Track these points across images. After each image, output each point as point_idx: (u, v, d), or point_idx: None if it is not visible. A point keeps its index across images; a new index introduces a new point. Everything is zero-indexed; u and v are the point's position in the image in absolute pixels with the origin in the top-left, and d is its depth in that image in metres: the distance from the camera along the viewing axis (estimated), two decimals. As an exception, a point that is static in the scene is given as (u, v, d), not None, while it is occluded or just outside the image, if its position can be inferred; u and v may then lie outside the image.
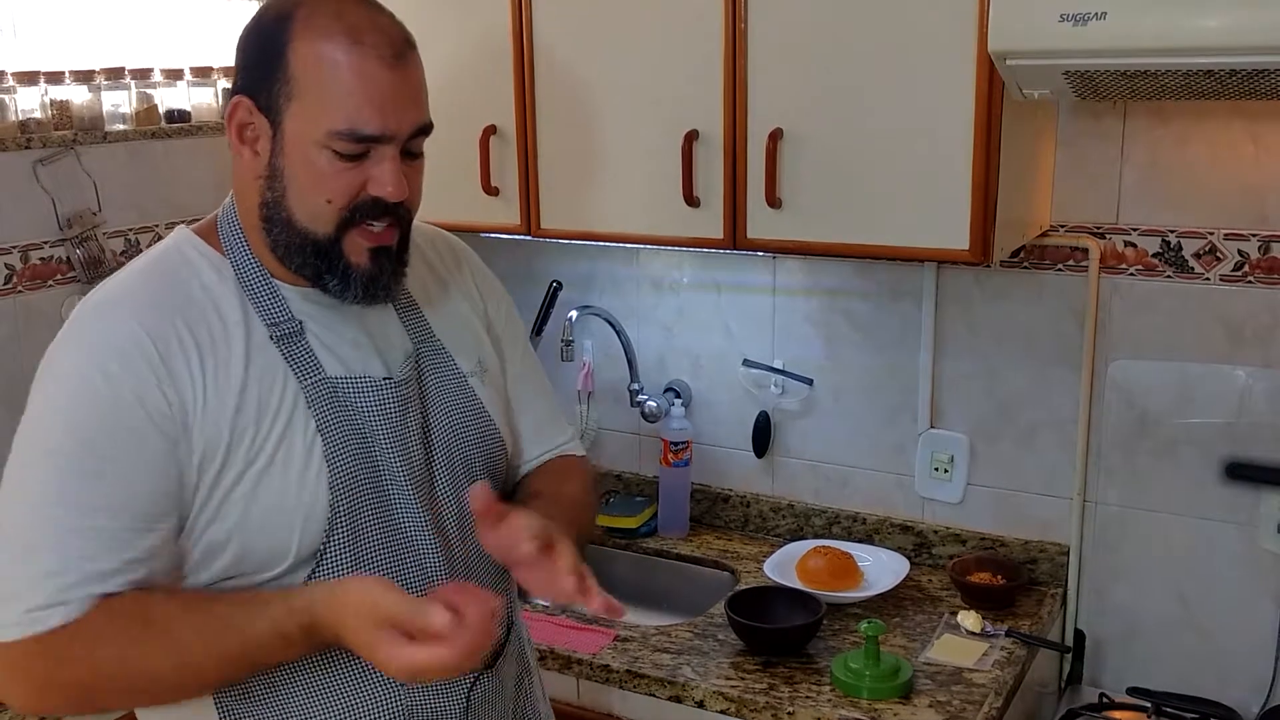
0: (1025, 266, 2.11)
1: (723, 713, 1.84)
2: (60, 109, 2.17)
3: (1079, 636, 2.18)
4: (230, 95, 1.25)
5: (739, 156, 1.92)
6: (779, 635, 1.94)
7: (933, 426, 2.24)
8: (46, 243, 2.15)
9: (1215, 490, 2.02)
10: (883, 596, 2.10)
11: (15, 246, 2.10)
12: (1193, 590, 2.07)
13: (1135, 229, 2.02)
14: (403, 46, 1.23)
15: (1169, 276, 2.01)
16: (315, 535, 1.23)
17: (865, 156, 1.84)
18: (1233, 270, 1.96)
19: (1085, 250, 2.05)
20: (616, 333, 2.46)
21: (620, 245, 2.34)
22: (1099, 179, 2.03)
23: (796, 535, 2.38)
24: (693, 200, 1.97)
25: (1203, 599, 2.07)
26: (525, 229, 2.16)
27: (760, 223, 1.94)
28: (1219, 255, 1.97)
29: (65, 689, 1.16)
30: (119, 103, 2.26)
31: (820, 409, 2.35)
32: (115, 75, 2.24)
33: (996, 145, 1.75)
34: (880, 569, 2.17)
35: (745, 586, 2.14)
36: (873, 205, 1.85)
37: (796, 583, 2.10)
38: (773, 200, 1.90)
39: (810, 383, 2.34)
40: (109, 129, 2.23)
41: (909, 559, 2.20)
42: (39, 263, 2.14)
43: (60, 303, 2.13)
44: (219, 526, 1.20)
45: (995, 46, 1.61)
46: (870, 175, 1.84)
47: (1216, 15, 1.49)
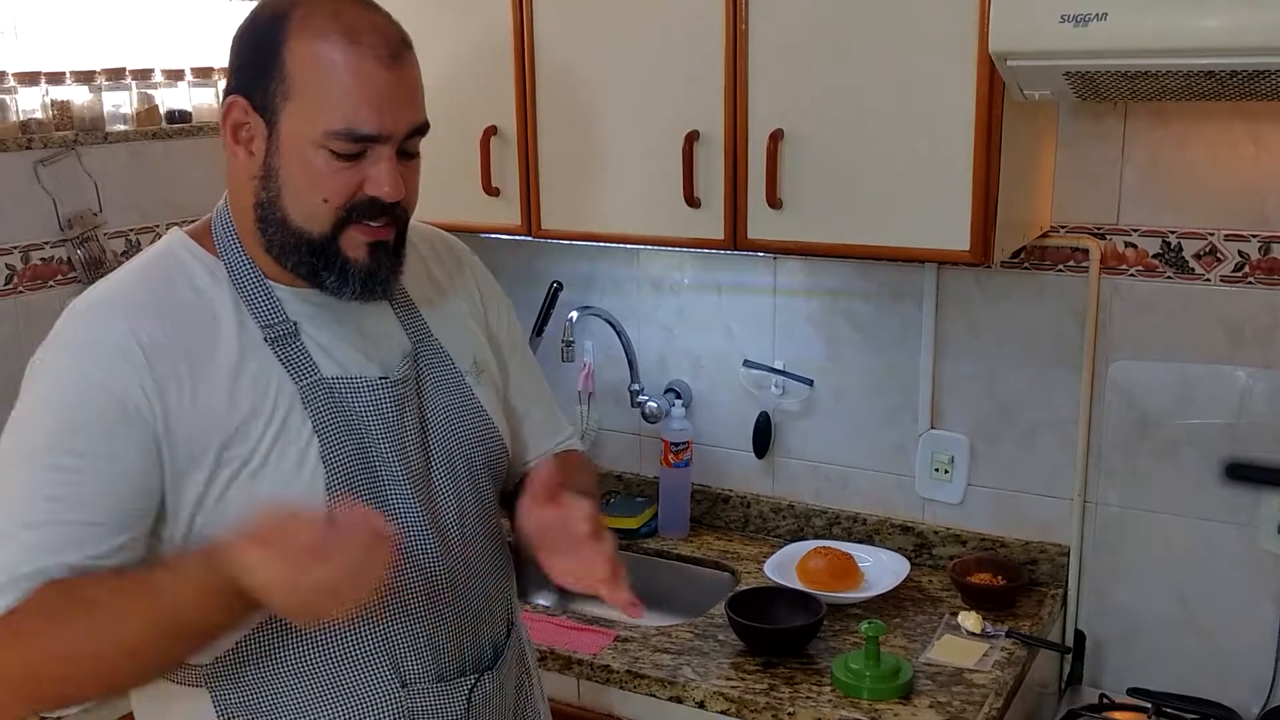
0: (1026, 267, 2.11)
1: (723, 713, 1.84)
2: (61, 109, 2.18)
3: (1079, 637, 2.18)
4: (225, 95, 1.24)
5: (739, 157, 1.92)
6: (779, 636, 1.94)
7: (933, 427, 2.24)
8: (47, 243, 2.15)
9: (1215, 491, 2.02)
10: (883, 597, 2.10)
11: (16, 247, 2.10)
12: (1193, 591, 2.07)
13: (1136, 230, 2.02)
14: (399, 46, 1.22)
15: (1169, 277, 2.01)
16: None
17: (866, 157, 1.84)
18: (1233, 271, 1.96)
19: (1086, 251, 2.05)
20: (617, 333, 2.46)
21: (621, 246, 2.34)
22: (1099, 180, 2.03)
23: (797, 536, 2.38)
24: (693, 201, 1.97)
25: (1203, 600, 2.07)
26: (526, 229, 2.16)
27: (761, 223, 1.94)
28: (1219, 256, 1.97)
29: (3, 679, 1.13)
30: (120, 103, 2.26)
31: (821, 410, 2.35)
32: (116, 76, 2.25)
33: (997, 146, 1.75)
34: (880, 570, 2.17)
35: (746, 587, 2.14)
36: (873, 206, 1.85)
37: (797, 583, 2.10)
38: (773, 201, 1.90)
39: (811, 383, 2.34)
40: (110, 129, 2.24)
41: (909, 560, 2.20)
42: (40, 263, 2.14)
43: (61, 303, 2.11)
44: (215, 527, 1.19)
45: (996, 47, 1.61)
46: (871, 176, 1.84)
47: (1217, 16, 1.49)
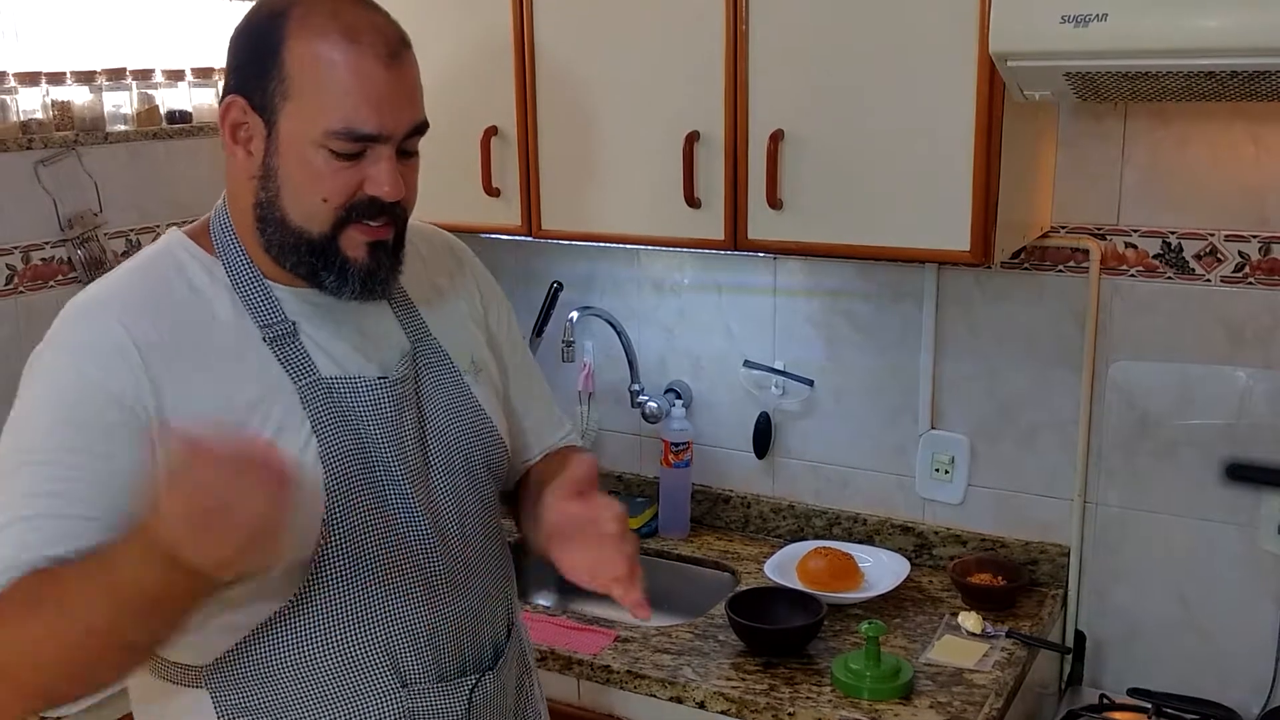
0: (1026, 268, 2.11)
1: (723, 713, 1.84)
2: (62, 110, 2.18)
3: (1079, 637, 2.18)
4: (223, 95, 1.24)
5: (740, 157, 1.92)
6: (780, 636, 1.94)
7: (933, 427, 2.24)
8: (48, 243, 2.15)
9: (1216, 491, 2.02)
10: (883, 597, 2.10)
11: (16, 247, 2.10)
12: (1193, 591, 2.07)
13: (1136, 230, 2.02)
14: (398, 45, 1.22)
15: (1169, 278, 2.01)
16: (311, 536, 1.22)
17: (866, 157, 1.84)
18: (1233, 271, 1.96)
19: (1086, 251, 2.05)
20: (617, 333, 2.46)
21: (621, 246, 2.34)
22: (1100, 180, 2.03)
23: (797, 536, 2.38)
24: (694, 201, 1.97)
25: (1203, 600, 2.07)
26: (526, 230, 2.15)
27: (761, 224, 1.94)
28: (1220, 256, 1.97)
29: None
30: (120, 103, 2.26)
31: (821, 410, 2.35)
32: (116, 76, 2.25)
33: (997, 146, 1.75)
34: (881, 570, 2.17)
35: (746, 587, 2.14)
36: (874, 206, 1.85)
37: (797, 583, 2.10)
38: (774, 201, 1.90)
39: (811, 384, 2.34)
40: (110, 129, 2.24)
41: (909, 560, 2.20)
42: (40, 263, 2.14)
43: (61, 304, 2.12)
44: None
45: (996, 48, 1.61)
46: (871, 176, 1.84)
47: (1217, 16, 1.49)
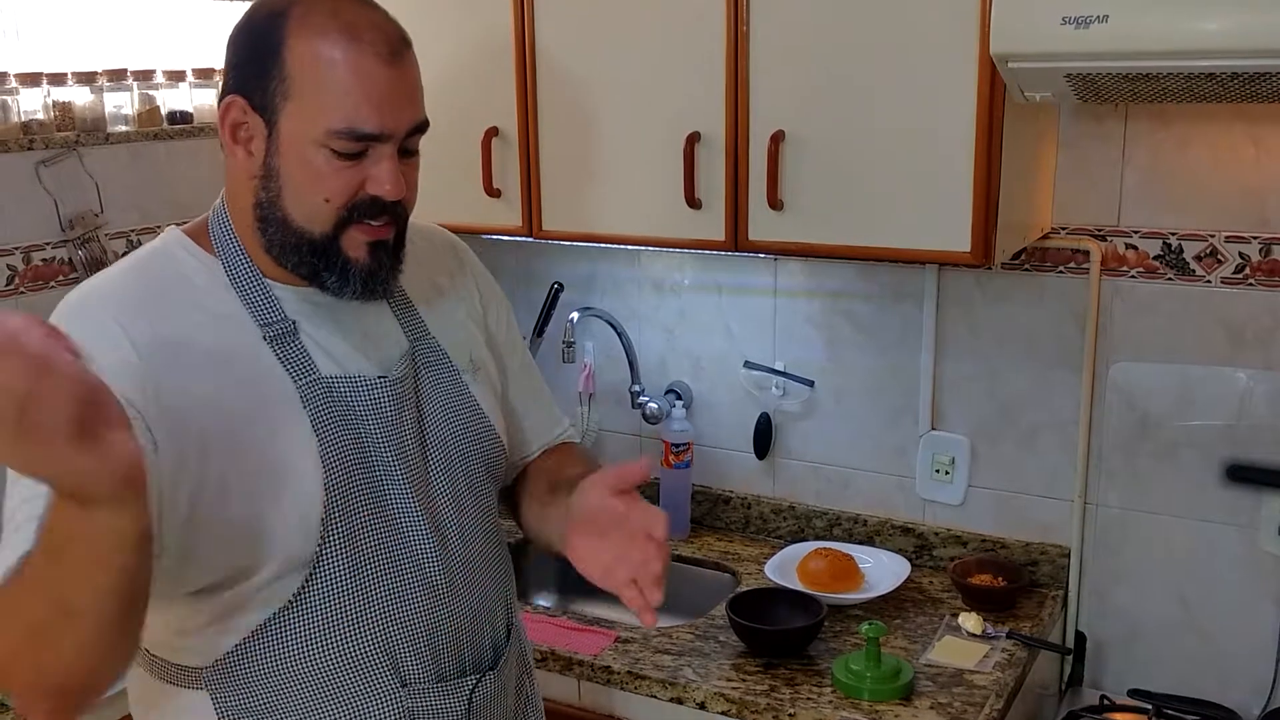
0: (1026, 269, 2.11)
1: (724, 714, 1.84)
2: (63, 110, 2.18)
3: (1080, 638, 2.18)
4: (222, 95, 1.23)
5: (740, 158, 1.92)
6: (780, 637, 1.94)
7: (934, 428, 2.24)
8: (49, 244, 2.15)
9: (1216, 492, 2.02)
10: (884, 598, 2.10)
11: (17, 247, 2.10)
12: (1193, 592, 2.07)
13: (1136, 231, 2.02)
14: (399, 44, 1.22)
15: (1170, 279, 2.01)
16: (311, 536, 1.22)
17: (867, 158, 1.84)
18: (1234, 273, 1.96)
19: (1086, 252, 2.05)
20: (618, 334, 2.46)
21: (622, 247, 2.34)
22: (1100, 181, 2.03)
23: (797, 537, 2.38)
24: (694, 202, 1.97)
25: (1203, 601, 2.07)
26: (527, 230, 2.16)
27: (762, 224, 1.94)
28: (1220, 258, 1.97)
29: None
30: (121, 104, 2.26)
31: (821, 411, 2.35)
32: (117, 77, 2.24)
33: (998, 147, 1.75)
34: (881, 571, 2.17)
35: (746, 588, 2.14)
36: (874, 207, 1.85)
37: (797, 584, 2.10)
38: (774, 202, 1.90)
39: (811, 384, 2.34)
40: (111, 130, 2.23)
41: (910, 561, 2.20)
42: (41, 264, 2.14)
43: (62, 304, 2.14)
44: (210, 526, 1.18)
45: (997, 49, 1.62)
46: (872, 177, 1.84)
47: (1218, 18, 1.49)
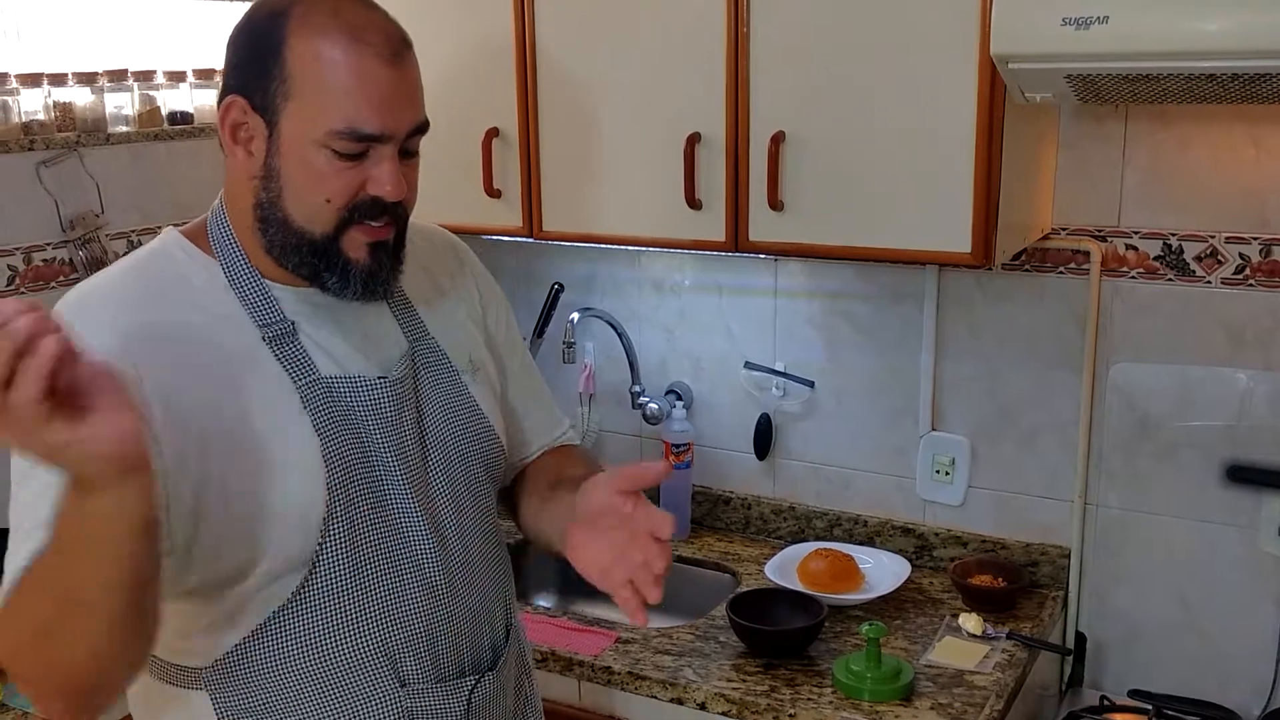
0: (1027, 269, 2.11)
1: (724, 714, 1.84)
2: (63, 111, 2.18)
3: (1080, 639, 2.18)
4: (222, 95, 1.22)
5: (741, 159, 1.93)
6: (780, 637, 1.94)
7: (934, 429, 2.24)
8: (49, 244, 2.15)
9: (1216, 493, 2.02)
10: (884, 599, 2.10)
11: (18, 248, 2.10)
12: (1194, 593, 2.07)
13: (1136, 232, 2.02)
14: (400, 45, 1.21)
15: (1170, 279, 2.01)
16: (311, 536, 1.22)
17: (867, 159, 1.84)
18: (1234, 273, 1.96)
19: (1086, 253, 2.05)
20: (618, 335, 2.46)
21: (622, 247, 2.34)
22: (1100, 182, 2.03)
23: (798, 537, 2.38)
24: (694, 203, 1.97)
25: (1204, 602, 2.07)
26: (527, 231, 2.16)
27: (762, 225, 1.94)
28: (1220, 258, 1.97)
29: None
30: (122, 104, 2.26)
31: (821, 411, 2.35)
32: (118, 77, 2.24)
33: (998, 148, 1.75)
34: (881, 571, 2.17)
35: (746, 589, 2.14)
36: (874, 208, 1.85)
37: (798, 585, 2.10)
38: (774, 203, 1.91)
39: (811, 385, 2.34)
40: (112, 131, 2.23)
41: (910, 561, 2.20)
42: (41, 264, 2.14)
43: (63, 305, 2.14)
44: (209, 526, 1.18)
45: (997, 50, 1.62)
46: (872, 178, 1.84)
47: (1218, 19, 1.49)
